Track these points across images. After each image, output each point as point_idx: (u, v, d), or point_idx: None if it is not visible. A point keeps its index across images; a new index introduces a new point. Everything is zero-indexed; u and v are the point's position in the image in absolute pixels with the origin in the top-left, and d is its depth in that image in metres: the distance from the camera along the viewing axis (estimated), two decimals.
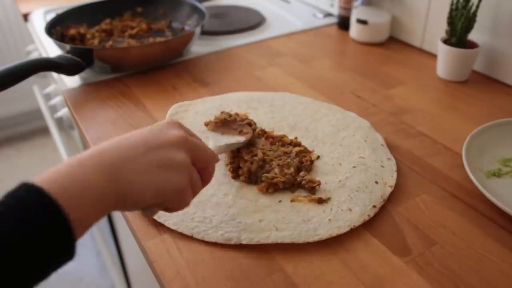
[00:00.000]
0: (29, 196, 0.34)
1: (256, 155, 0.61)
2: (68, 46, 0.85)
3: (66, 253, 0.35)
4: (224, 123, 0.67)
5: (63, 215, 0.34)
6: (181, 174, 0.43)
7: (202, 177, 0.48)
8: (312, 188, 0.57)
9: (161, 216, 0.54)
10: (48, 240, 0.34)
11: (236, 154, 0.62)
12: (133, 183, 0.39)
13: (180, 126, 0.47)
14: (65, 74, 0.84)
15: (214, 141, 0.61)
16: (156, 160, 0.41)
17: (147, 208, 0.44)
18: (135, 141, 0.42)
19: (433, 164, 0.64)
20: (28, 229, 0.33)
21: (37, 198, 0.34)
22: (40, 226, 0.33)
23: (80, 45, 0.96)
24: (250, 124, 0.69)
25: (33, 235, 0.33)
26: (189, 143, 0.45)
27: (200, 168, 0.47)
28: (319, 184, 0.58)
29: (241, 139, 0.64)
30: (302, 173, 0.59)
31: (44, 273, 0.35)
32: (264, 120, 0.72)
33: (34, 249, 0.33)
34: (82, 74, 0.88)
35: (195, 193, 0.46)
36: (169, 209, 0.45)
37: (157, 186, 0.41)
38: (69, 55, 0.83)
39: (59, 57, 0.83)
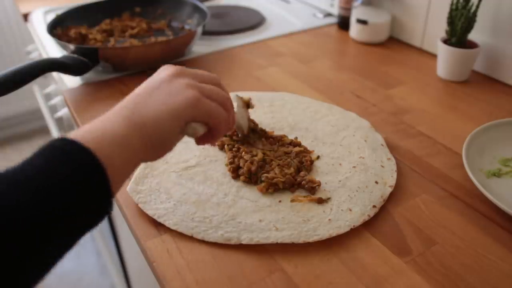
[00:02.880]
0: (68, 148, 0.36)
1: (256, 155, 0.61)
2: (72, 46, 0.85)
3: (105, 206, 0.38)
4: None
5: (102, 170, 0.36)
6: (186, 90, 0.45)
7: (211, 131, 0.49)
8: (312, 188, 0.57)
9: (161, 216, 0.54)
10: (89, 194, 0.36)
11: (236, 153, 0.62)
12: (149, 114, 0.42)
13: (185, 73, 0.48)
14: (71, 75, 0.84)
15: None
16: (163, 91, 0.45)
17: (188, 127, 0.46)
18: (142, 84, 0.47)
19: (433, 164, 0.64)
20: (75, 186, 0.35)
21: (78, 153, 0.36)
22: (83, 182, 0.35)
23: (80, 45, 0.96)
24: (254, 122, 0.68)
25: (76, 192, 0.35)
26: (202, 106, 0.46)
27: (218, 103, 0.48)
28: (319, 185, 0.58)
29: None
30: (302, 173, 0.59)
31: (89, 226, 0.37)
32: (264, 120, 0.72)
33: (79, 204, 0.35)
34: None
35: (219, 102, 0.48)
36: (213, 128, 0.48)
37: (170, 108, 0.43)
38: (75, 55, 0.84)
39: (65, 57, 0.83)
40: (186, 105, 0.44)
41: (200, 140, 0.50)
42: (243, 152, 0.62)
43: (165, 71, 0.48)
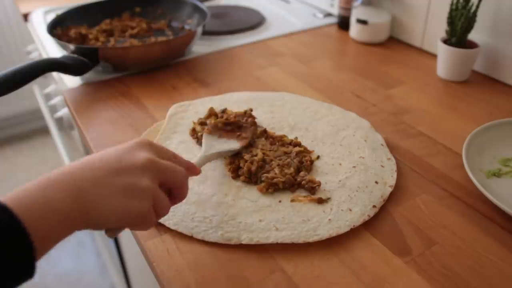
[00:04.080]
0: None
1: (256, 155, 0.61)
2: (72, 46, 0.85)
3: (26, 270, 0.36)
4: (225, 125, 0.66)
5: (25, 233, 0.35)
6: (144, 200, 0.43)
7: (175, 195, 0.48)
8: (312, 188, 0.57)
9: None
10: (8, 257, 0.34)
11: (236, 154, 0.62)
12: (98, 207, 0.40)
13: (150, 146, 0.47)
14: (72, 75, 0.84)
15: (206, 147, 0.60)
16: (122, 184, 0.42)
17: (110, 229, 0.44)
18: (104, 163, 0.43)
19: (433, 164, 0.64)
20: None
21: (1, 215, 0.34)
22: (1, 242, 0.33)
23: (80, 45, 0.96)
24: (254, 123, 0.68)
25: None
26: (156, 167, 0.45)
27: (171, 188, 0.48)
28: (319, 185, 0.58)
29: (235, 145, 0.62)
30: (302, 173, 0.59)
31: None
32: (264, 120, 0.72)
33: None
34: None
35: (160, 215, 0.46)
36: (132, 228, 0.47)
37: (121, 211, 0.42)
38: (75, 55, 0.84)
39: (65, 57, 0.83)
40: (136, 218, 0.43)
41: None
42: (243, 152, 0.62)
43: (138, 153, 0.45)
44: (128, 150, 0.45)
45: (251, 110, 0.71)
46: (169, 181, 0.47)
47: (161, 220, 0.54)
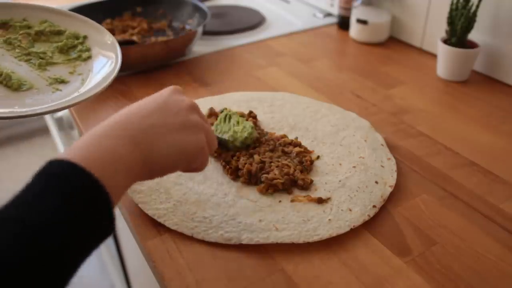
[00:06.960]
0: (65, 172, 0.34)
1: (255, 154, 0.61)
2: None
3: (108, 224, 0.36)
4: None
5: (101, 188, 0.35)
6: (198, 132, 0.46)
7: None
8: (305, 184, 0.57)
9: (161, 216, 0.54)
10: (91, 214, 0.34)
11: (234, 154, 0.62)
12: (157, 146, 0.42)
13: (184, 93, 0.49)
14: None
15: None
16: (176, 122, 0.44)
17: None
18: (152, 109, 0.44)
19: (433, 164, 0.64)
20: (73, 206, 0.33)
21: (74, 174, 0.35)
22: (83, 201, 0.34)
23: None
24: (255, 124, 0.69)
25: (77, 211, 0.33)
26: (199, 111, 0.49)
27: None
28: (311, 182, 0.58)
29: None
30: (296, 172, 0.59)
31: (89, 249, 0.36)
32: (264, 120, 0.72)
33: (79, 225, 0.34)
34: None
35: (212, 149, 0.49)
36: (191, 169, 0.48)
37: (179, 146, 0.44)
38: None
39: None
40: (194, 152, 0.45)
41: None
42: (242, 153, 0.62)
43: (182, 99, 0.47)
44: (167, 96, 0.46)
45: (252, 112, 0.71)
46: (208, 134, 0.48)
47: (161, 220, 0.54)
